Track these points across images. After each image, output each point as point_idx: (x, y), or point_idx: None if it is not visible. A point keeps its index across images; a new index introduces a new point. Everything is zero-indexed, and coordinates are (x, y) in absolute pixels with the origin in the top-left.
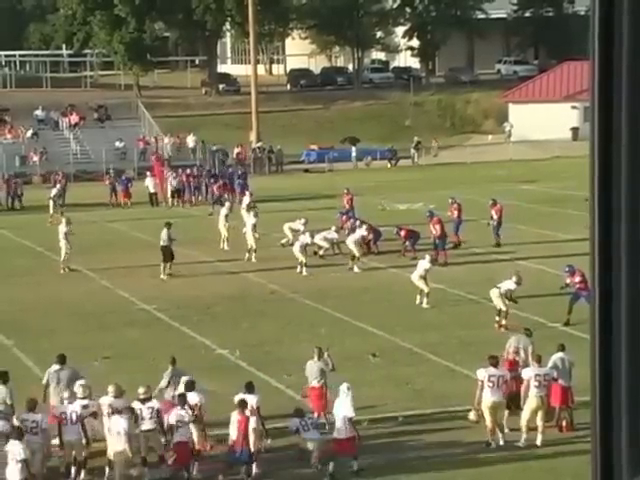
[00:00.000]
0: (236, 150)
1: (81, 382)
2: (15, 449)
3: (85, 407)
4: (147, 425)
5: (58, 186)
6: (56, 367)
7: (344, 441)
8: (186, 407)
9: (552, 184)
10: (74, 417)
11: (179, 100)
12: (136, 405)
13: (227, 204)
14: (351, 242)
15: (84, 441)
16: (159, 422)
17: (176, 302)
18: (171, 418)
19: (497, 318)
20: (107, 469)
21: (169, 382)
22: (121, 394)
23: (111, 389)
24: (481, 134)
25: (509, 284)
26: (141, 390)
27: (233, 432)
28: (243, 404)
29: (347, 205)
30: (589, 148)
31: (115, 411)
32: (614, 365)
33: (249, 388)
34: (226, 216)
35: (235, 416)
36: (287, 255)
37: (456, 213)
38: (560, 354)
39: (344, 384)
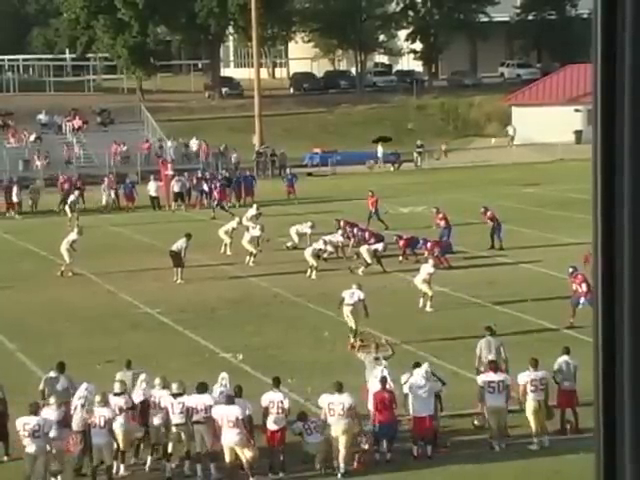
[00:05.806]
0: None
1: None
2: (231, 411)
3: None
4: (177, 419)
5: (76, 192)
6: (53, 374)
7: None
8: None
9: (556, 187)
10: (102, 421)
11: (182, 104)
12: (168, 399)
13: (237, 219)
14: (365, 250)
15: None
16: (188, 417)
17: (180, 306)
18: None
19: (352, 339)
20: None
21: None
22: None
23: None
24: (484, 137)
25: (359, 294)
26: (175, 385)
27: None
28: (384, 381)
29: (372, 207)
30: (592, 151)
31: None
32: (617, 367)
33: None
34: (233, 229)
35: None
36: (290, 259)
37: (443, 222)
38: (565, 357)
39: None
